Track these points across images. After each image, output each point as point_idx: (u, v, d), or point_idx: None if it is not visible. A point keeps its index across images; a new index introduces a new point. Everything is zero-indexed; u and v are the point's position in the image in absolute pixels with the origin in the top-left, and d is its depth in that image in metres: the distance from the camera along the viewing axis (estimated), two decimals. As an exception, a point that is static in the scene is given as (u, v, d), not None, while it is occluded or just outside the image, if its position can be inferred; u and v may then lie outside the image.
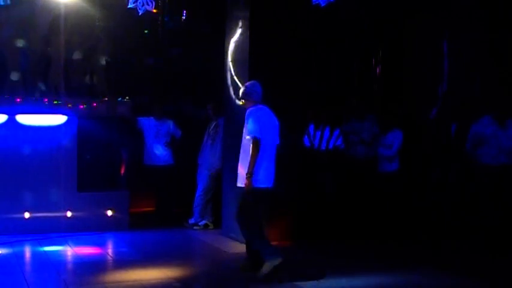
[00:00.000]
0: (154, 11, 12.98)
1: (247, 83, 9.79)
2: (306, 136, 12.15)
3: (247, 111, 9.48)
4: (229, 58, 12.02)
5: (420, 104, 13.05)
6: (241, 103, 10.01)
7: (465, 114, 12.26)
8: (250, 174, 9.10)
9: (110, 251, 11.45)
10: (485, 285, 9.21)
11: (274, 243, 10.01)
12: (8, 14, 12.44)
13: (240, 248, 10.82)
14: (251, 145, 9.16)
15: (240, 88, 11.56)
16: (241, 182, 9.35)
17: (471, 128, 11.35)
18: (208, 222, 12.99)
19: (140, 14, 11.98)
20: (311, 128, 12.17)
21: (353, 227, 11.82)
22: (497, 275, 9.66)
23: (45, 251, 10.89)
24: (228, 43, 12.04)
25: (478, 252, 10.88)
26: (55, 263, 10.13)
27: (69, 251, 11.12)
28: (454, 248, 11.27)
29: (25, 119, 12.10)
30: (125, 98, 12.97)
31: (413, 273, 9.69)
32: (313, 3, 11.23)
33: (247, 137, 9.27)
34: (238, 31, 11.76)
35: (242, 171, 9.32)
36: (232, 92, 11.90)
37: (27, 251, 10.97)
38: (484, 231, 11.12)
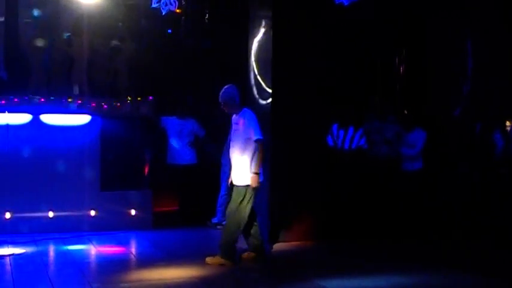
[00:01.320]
0: (177, 10, 12.96)
1: (226, 87, 10.08)
2: (330, 136, 12.11)
3: (243, 113, 9.95)
4: (253, 58, 12.02)
5: (444, 103, 12.97)
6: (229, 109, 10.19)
7: (489, 114, 12.19)
8: (258, 173, 9.73)
9: (133, 250, 11.49)
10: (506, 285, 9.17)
11: (296, 243, 10.06)
12: (31, 15, 12.51)
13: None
14: (256, 146, 9.72)
15: (263, 88, 11.59)
16: (241, 181, 9.87)
17: None
18: (231, 222, 12.98)
19: (163, 13, 12.00)
20: (334, 127, 12.13)
21: (373, 226, 11.76)
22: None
23: (69, 250, 10.95)
24: (251, 43, 12.03)
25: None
26: (79, 262, 10.18)
27: (92, 249, 11.18)
28: (480, 248, 11.19)
29: (49, 119, 12.16)
30: (148, 97, 12.96)
31: (436, 274, 9.64)
32: (336, 3, 11.22)
33: (253, 138, 9.74)
34: (262, 31, 11.76)
35: (242, 170, 9.85)
36: (255, 92, 11.89)
37: (51, 250, 11.02)
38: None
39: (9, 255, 10.37)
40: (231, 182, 10.10)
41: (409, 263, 10.21)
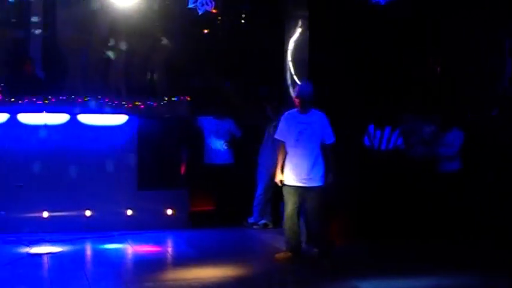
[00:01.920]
0: (214, 11, 13.00)
1: (306, 83, 10.05)
2: (366, 136, 12.06)
3: (316, 114, 9.92)
4: (289, 58, 12.00)
5: (481, 103, 12.85)
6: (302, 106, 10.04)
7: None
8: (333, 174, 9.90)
9: (169, 249, 11.54)
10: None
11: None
12: (69, 15, 12.60)
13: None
14: (329, 148, 9.91)
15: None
16: (318, 182, 9.90)
17: None
18: (267, 222, 12.97)
19: (200, 13, 12.02)
20: (371, 127, 12.08)
21: (407, 227, 11.65)
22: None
23: (105, 249, 11.02)
24: (288, 43, 12.01)
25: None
26: (115, 261, 10.25)
27: (129, 249, 11.22)
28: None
29: (86, 119, 12.24)
30: (185, 97, 12.99)
31: (471, 275, 9.56)
32: (372, 2, 11.16)
33: (328, 141, 9.93)
34: (298, 31, 11.73)
35: (317, 171, 9.89)
36: (292, 92, 11.86)
37: (88, 249, 11.08)
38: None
39: (47, 253, 10.45)
40: (281, 180, 10.15)
41: (442, 264, 10.13)
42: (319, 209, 9.98)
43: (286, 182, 10.04)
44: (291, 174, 10.00)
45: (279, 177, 10.15)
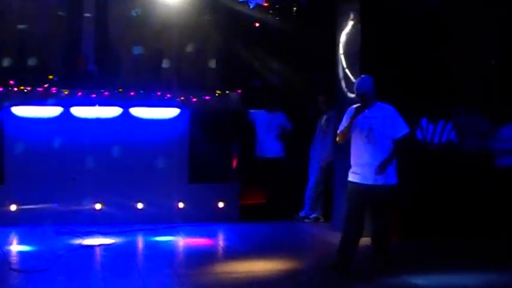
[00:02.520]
0: (265, 4, 12.98)
1: (365, 77, 9.22)
2: (419, 129, 11.94)
3: (384, 107, 9.11)
4: (341, 51, 11.94)
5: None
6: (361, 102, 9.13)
7: None
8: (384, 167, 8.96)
9: (220, 242, 11.57)
10: None
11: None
12: (122, 10, 12.70)
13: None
14: (401, 143, 8.97)
15: (352, 81, 11.49)
16: (386, 180, 8.94)
17: None
18: (318, 216, 12.94)
19: (251, 7, 12.02)
20: (424, 121, 11.96)
21: (457, 222, 11.51)
22: None
23: (157, 241, 11.09)
24: (339, 36, 11.95)
25: None
26: (167, 253, 10.32)
27: (180, 241, 11.29)
28: None
29: (138, 112, 12.33)
30: (236, 91, 13.00)
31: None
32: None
33: (400, 134, 8.98)
34: (350, 24, 11.66)
35: (384, 168, 8.90)
36: (344, 85, 11.81)
37: (140, 241, 11.17)
38: None
39: (99, 245, 10.56)
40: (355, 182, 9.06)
41: (495, 260, 9.99)
42: (386, 209, 9.16)
43: (352, 179, 9.08)
44: (359, 172, 9.04)
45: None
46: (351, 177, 9.10)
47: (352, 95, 11.51)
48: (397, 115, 9.08)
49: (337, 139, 9.30)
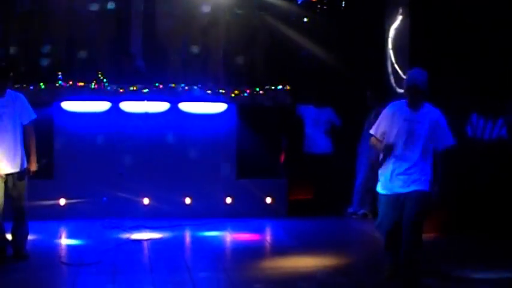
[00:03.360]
0: (314, -1, 12.98)
1: (419, 71, 8.17)
2: (469, 125, 11.77)
3: (432, 111, 8.10)
4: (390, 45, 11.87)
5: None
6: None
7: None
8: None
9: (268, 237, 11.57)
10: None
11: (429, 234, 9.76)
12: (169, 6, 12.76)
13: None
14: (444, 155, 8.06)
15: (401, 77, 11.39)
16: (423, 186, 8.01)
17: None
18: (367, 212, 12.85)
19: (299, 2, 11.99)
20: (474, 116, 11.77)
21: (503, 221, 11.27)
22: None
23: (204, 236, 11.13)
24: (388, 30, 11.87)
25: None
26: (214, 248, 10.36)
27: (228, 236, 11.33)
28: None
29: (187, 107, 12.37)
30: (285, 86, 12.96)
31: None
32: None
33: (443, 146, 8.03)
34: (399, 18, 11.58)
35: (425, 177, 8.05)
36: (392, 80, 11.73)
37: (188, 236, 11.22)
38: None
39: (147, 239, 10.62)
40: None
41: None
42: (420, 219, 8.02)
43: (382, 191, 8.34)
44: (392, 182, 8.16)
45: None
46: (382, 187, 8.33)
47: (401, 90, 11.42)
48: (445, 122, 8.07)
49: (371, 144, 8.59)
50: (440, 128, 8.00)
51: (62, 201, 11.82)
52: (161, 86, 12.27)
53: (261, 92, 12.79)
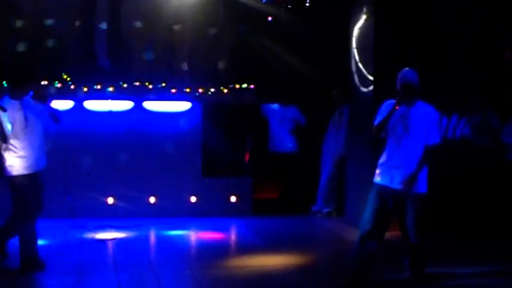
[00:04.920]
0: (279, -3, 12.99)
1: (410, 70, 8.37)
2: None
3: (425, 108, 8.29)
4: (354, 45, 11.89)
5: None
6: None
7: None
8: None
9: (233, 236, 11.59)
10: None
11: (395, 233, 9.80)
12: (134, 3, 12.73)
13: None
14: (429, 151, 8.16)
15: (365, 75, 11.45)
16: (419, 188, 8.23)
17: None
18: (331, 210, 12.90)
19: (264, 1, 11.99)
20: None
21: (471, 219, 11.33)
22: None
23: (169, 235, 11.10)
24: (352, 30, 11.91)
25: None
26: (179, 247, 10.32)
27: (192, 235, 11.33)
28: None
29: (151, 106, 12.33)
30: (249, 84, 12.97)
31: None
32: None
33: (432, 141, 8.17)
34: (363, 17, 11.61)
35: (412, 181, 8.15)
36: (357, 79, 11.76)
37: (152, 235, 11.19)
38: None
39: (112, 239, 10.58)
40: (393, 187, 8.20)
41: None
42: (418, 222, 8.26)
43: (376, 181, 8.32)
44: (385, 174, 8.27)
45: None
46: (376, 179, 8.35)
47: (365, 89, 11.50)
48: (436, 120, 8.38)
49: (373, 133, 8.50)
50: (429, 125, 8.23)
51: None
52: (125, 85, 12.22)
53: (225, 90, 12.79)
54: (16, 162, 8.58)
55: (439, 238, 10.53)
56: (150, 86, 12.34)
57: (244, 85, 12.91)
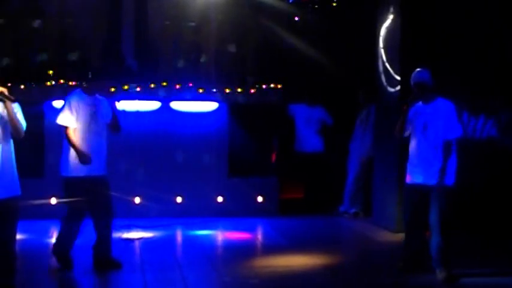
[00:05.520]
0: (305, -3, 12.97)
1: (423, 70, 8.65)
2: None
3: (443, 104, 8.47)
4: (381, 45, 11.85)
5: None
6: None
7: None
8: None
9: (259, 236, 11.59)
10: None
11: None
12: (160, 4, 12.75)
13: (390, 237, 10.72)
14: (450, 145, 8.30)
15: (392, 75, 11.41)
16: (446, 179, 8.31)
17: None
18: (358, 210, 12.86)
19: (291, 1, 11.97)
20: (465, 115, 11.74)
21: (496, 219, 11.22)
22: None
23: (196, 235, 11.13)
24: (379, 29, 11.87)
25: None
26: (205, 247, 10.35)
27: (219, 235, 11.34)
28: None
29: (178, 106, 12.37)
30: (276, 85, 12.97)
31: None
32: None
33: (452, 136, 8.32)
34: (390, 17, 11.57)
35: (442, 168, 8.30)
36: (384, 79, 11.72)
37: (179, 235, 11.23)
38: None
39: (139, 238, 10.62)
40: (411, 181, 8.53)
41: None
42: (443, 217, 8.32)
43: (410, 181, 8.55)
44: (413, 172, 8.53)
45: None
46: (407, 179, 8.59)
47: (392, 89, 11.45)
48: (453, 114, 8.45)
49: (395, 134, 8.77)
50: (449, 119, 8.41)
51: (53, 200, 11.78)
52: (153, 85, 12.27)
53: (252, 90, 12.80)
54: (71, 162, 8.50)
55: (463, 238, 10.44)
56: (177, 86, 12.37)
57: (271, 85, 12.91)
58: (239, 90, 12.72)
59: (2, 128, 7.15)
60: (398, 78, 11.28)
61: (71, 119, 8.44)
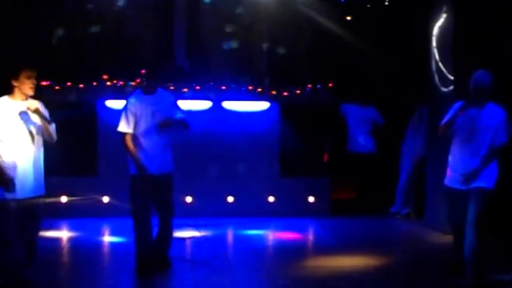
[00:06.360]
0: (358, -3, 12.90)
1: (484, 72, 8.25)
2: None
3: (496, 110, 8.13)
4: (434, 44, 11.75)
5: None
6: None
7: None
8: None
9: (310, 236, 11.57)
10: None
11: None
12: (211, 5, 12.79)
13: (442, 239, 10.60)
14: (494, 152, 8.06)
15: (445, 75, 11.29)
16: (486, 182, 8.07)
17: None
18: (410, 211, 12.78)
19: (343, 0, 11.92)
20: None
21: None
22: None
23: (247, 234, 11.16)
24: (432, 29, 11.77)
25: None
26: (257, 246, 10.39)
27: (270, 235, 11.35)
28: None
29: (230, 106, 12.41)
30: (328, 84, 12.94)
31: None
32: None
33: (499, 143, 8.04)
34: (443, 16, 11.47)
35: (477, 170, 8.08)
36: (437, 79, 11.61)
37: (230, 234, 11.29)
38: None
39: (190, 237, 10.68)
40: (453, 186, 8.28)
41: None
42: (479, 220, 8.01)
43: (448, 184, 8.35)
44: (453, 176, 8.29)
45: None
46: (446, 180, 8.39)
47: (445, 89, 11.33)
48: (503, 122, 8.12)
49: (438, 132, 8.48)
50: (497, 126, 8.09)
51: (106, 199, 11.91)
52: (204, 85, 12.32)
53: (304, 90, 12.79)
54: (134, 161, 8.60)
55: (498, 240, 10.23)
56: (229, 86, 12.41)
57: (323, 85, 12.88)
58: (291, 89, 12.70)
59: (36, 135, 7.63)
60: (451, 78, 11.17)
61: (128, 125, 8.54)
